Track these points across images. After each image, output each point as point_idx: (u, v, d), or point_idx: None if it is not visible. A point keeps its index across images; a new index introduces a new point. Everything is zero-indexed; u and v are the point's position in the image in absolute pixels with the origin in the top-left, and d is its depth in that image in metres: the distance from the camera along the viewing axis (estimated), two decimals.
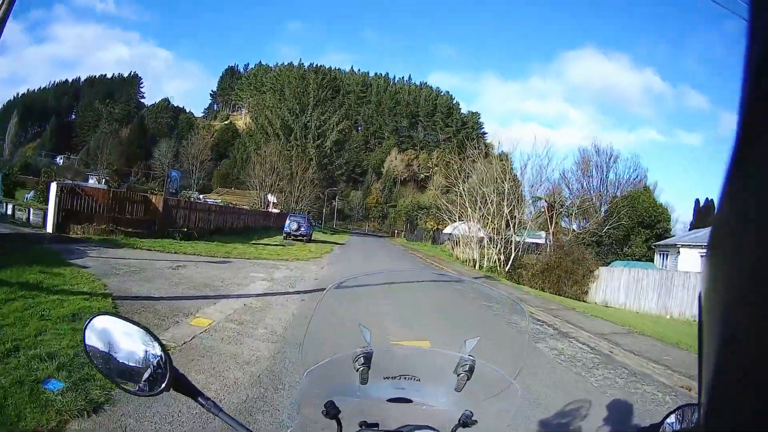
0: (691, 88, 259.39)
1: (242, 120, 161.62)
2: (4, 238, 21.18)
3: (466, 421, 1.97)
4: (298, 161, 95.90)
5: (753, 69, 0.67)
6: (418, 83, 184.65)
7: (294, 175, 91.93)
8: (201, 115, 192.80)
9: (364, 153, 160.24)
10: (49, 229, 25.21)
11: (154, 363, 1.81)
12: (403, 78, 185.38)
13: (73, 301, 11.05)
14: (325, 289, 2.04)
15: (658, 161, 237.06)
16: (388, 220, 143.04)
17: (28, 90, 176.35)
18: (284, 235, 49.45)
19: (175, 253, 24.08)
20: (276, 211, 75.92)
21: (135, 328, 1.87)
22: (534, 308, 20.95)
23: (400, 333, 3.07)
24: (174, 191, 37.51)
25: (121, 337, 1.87)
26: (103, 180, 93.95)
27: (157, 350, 1.82)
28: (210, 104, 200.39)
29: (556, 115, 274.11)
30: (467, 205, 51.75)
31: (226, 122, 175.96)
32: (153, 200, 32.58)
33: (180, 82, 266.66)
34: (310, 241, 49.78)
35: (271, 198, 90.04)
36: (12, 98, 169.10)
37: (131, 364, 1.83)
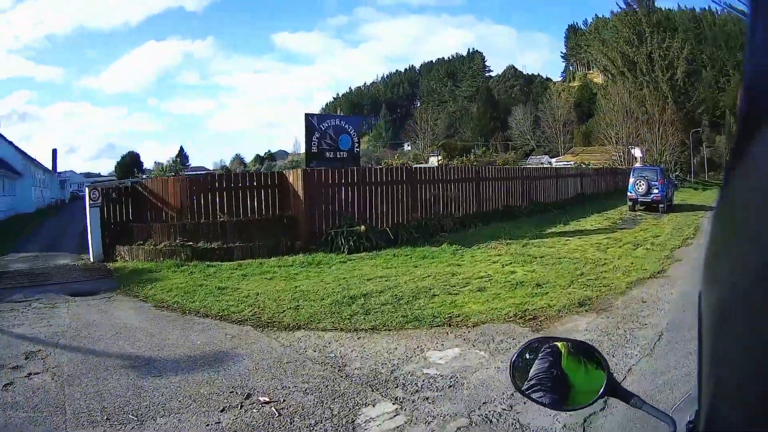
0: None
1: (600, 77, 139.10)
2: None
3: None
4: (652, 101, 73.15)
5: (753, 68, 0.68)
6: (737, 12, 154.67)
7: (652, 118, 69.73)
8: (559, 78, 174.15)
9: (717, 93, 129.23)
10: (92, 256, 15.28)
11: (586, 372, 1.73)
12: (723, 9, 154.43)
13: None
14: None
15: None
16: None
17: (350, 88, 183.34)
18: (629, 203, 28.11)
19: (218, 319, 9.20)
20: (639, 166, 51.74)
21: (565, 343, 1.80)
22: None
23: None
24: (343, 154, 16.20)
25: (552, 356, 1.78)
26: (436, 159, 79.13)
27: (593, 358, 1.73)
28: (565, 66, 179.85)
29: None
30: None
31: (582, 81, 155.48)
32: (290, 179, 16.31)
33: (530, 52, 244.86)
34: (670, 209, 28.15)
35: (637, 152, 66.84)
36: (332, 99, 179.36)
37: (564, 378, 1.75)
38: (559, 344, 1.77)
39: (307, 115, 18.44)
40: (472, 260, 13.52)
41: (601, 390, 1.61)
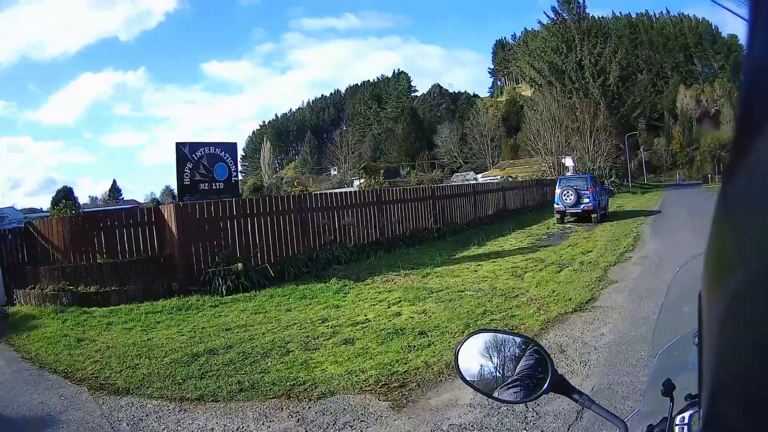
0: None
1: (528, 90, 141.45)
2: None
3: None
4: (583, 108, 72.06)
5: (753, 67, 0.67)
6: (677, 14, 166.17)
7: (583, 125, 69.13)
8: (487, 94, 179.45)
9: (654, 96, 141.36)
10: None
11: (530, 368, 1.78)
12: (662, 12, 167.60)
13: None
14: None
15: None
16: (694, 164, 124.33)
17: (276, 116, 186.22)
18: (557, 216, 26.48)
19: None
20: (568, 175, 50.87)
21: (510, 337, 1.87)
22: None
23: None
24: (219, 185, 14.46)
25: (497, 350, 1.85)
26: (357, 183, 78.82)
27: (536, 354, 1.78)
28: (493, 82, 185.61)
29: None
30: None
31: (510, 96, 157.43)
32: (166, 215, 14.80)
33: (457, 70, 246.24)
34: (604, 218, 26.81)
35: (568, 161, 67.59)
36: (258, 127, 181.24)
37: (507, 373, 1.80)
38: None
39: (177, 144, 16.72)
40: (356, 299, 11.73)
41: (545, 386, 1.65)
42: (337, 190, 38.14)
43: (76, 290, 13.67)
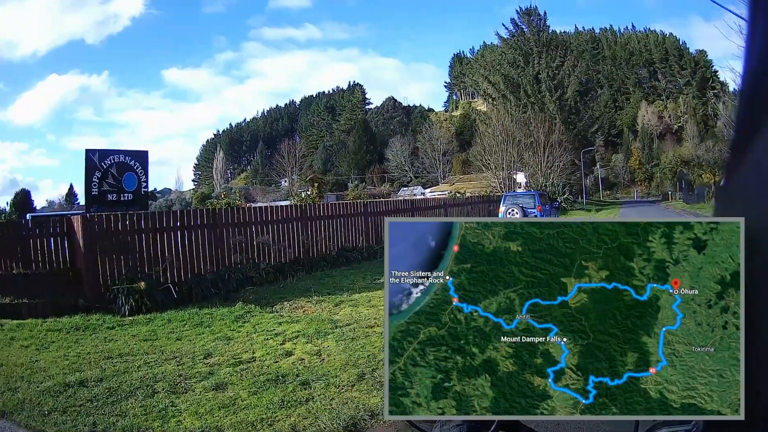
0: None
1: (483, 105, 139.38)
2: None
3: None
4: (537, 123, 71.86)
5: (754, 67, 0.71)
6: (642, 29, 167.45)
7: (537, 140, 68.78)
8: (442, 108, 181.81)
9: (614, 112, 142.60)
10: None
11: None
12: (627, 27, 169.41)
13: None
14: None
15: None
16: (654, 181, 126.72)
17: (230, 125, 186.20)
18: None
19: None
20: (514, 192, 50.19)
21: None
22: None
23: None
24: (128, 196, 13.99)
25: None
26: (303, 193, 78.65)
27: None
28: (448, 95, 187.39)
29: None
30: None
31: (465, 110, 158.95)
32: (75, 227, 13.94)
33: (415, 83, 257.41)
34: None
35: (520, 177, 63.75)
36: (212, 136, 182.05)
37: None
38: None
39: (87, 151, 16.16)
40: (252, 330, 10.78)
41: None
42: (277, 203, 37.41)
43: None
